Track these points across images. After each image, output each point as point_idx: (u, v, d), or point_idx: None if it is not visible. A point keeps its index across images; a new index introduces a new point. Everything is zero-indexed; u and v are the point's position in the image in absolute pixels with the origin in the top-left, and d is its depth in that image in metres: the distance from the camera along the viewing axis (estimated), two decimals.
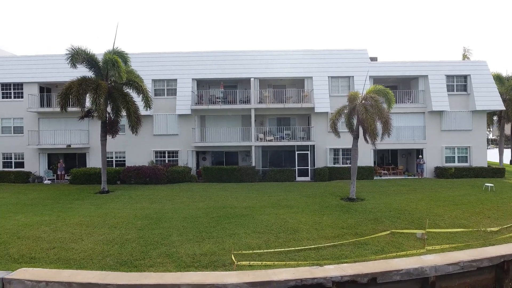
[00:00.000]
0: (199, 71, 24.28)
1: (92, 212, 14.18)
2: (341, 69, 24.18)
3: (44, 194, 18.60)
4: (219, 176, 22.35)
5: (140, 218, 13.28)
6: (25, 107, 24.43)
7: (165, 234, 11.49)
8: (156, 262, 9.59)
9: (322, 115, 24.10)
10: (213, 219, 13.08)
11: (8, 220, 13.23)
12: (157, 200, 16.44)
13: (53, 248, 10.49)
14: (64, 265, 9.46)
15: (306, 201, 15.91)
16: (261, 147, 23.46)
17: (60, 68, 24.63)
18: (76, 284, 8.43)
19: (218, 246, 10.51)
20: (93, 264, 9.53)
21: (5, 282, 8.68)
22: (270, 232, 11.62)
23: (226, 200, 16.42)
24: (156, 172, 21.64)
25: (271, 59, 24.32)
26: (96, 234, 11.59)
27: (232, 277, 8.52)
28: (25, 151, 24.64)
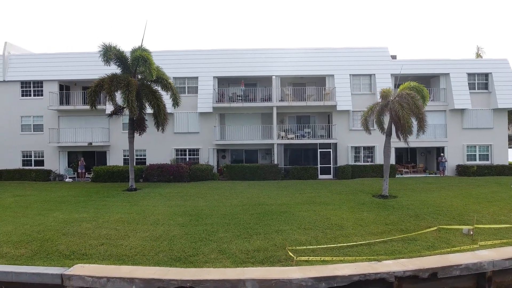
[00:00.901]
0: (220, 69, 24.21)
1: (129, 209, 14.11)
2: (362, 67, 24.15)
3: (72, 191, 18.49)
4: (242, 174, 22.29)
5: (179, 215, 13.20)
6: (45, 105, 24.33)
7: (211, 231, 11.42)
8: (211, 258, 9.52)
9: (344, 113, 24.07)
10: (253, 216, 13.02)
11: (47, 217, 13.16)
12: (189, 198, 16.37)
13: (102, 245, 10.42)
14: (118, 261, 9.39)
15: (340, 198, 15.86)
16: (282, 145, 23.41)
17: (80, 66, 24.67)
18: (139, 280, 8.36)
19: (268, 242, 10.44)
20: (147, 260, 9.45)
21: (65, 278, 8.60)
22: (315, 229, 11.57)
23: (258, 197, 16.36)
24: (179, 170, 21.56)
25: (292, 57, 24.27)
26: (140, 230, 11.52)
27: (295, 272, 8.47)
28: (45, 149, 24.52)
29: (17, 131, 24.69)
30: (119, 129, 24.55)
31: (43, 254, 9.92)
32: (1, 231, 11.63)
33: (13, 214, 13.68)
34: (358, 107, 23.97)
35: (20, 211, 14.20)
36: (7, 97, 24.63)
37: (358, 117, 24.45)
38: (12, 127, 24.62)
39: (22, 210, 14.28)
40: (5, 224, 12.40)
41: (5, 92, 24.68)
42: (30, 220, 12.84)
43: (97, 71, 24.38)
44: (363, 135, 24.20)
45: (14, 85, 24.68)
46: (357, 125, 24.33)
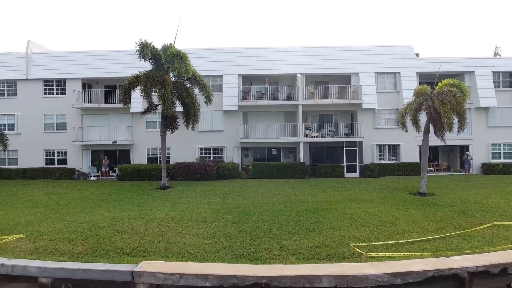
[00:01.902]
0: (245, 67, 24.16)
1: (171, 207, 14.02)
2: (387, 65, 24.13)
3: (104, 189, 18.39)
4: (269, 172, 22.22)
5: (224, 213, 13.13)
6: (68, 103, 24.22)
7: (264, 228, 11.34)
8: (274, 254, 9.45)
9: (369, 111, 24.03)
10: (300, 213, 12.96)
11: (92, 215, 13.07)
12: (225, 196, 16.27)
13: (159, 242, 10.33)
14: (183, 258, 9.30)
15: (378, 196, 15.81)
16: (308, 143, 23.36)
17: (102, 64, 24.60)
18: (213, 276, 8.28)
19: (326, 239, 10.37)
20: (211, 257, 9.37)
21: (135, 275, 8.51)
22: (368, 225, 11.51)
23: (294, 195, 16.29)
24: (206, 169, 21.49)
25: (316, 55, 24.24)
26: (193, 228, 11.44)
27: (368, 268, 8.40)
28: (68, 148, 24.41)
29: (40, 130, 24.57)
30: (142, 128, 24.46)
31: (102, 251, 9.83)
32: (51, 228, 11.55)
33: (56, 212, 13.59)
34: (382, 106, 23.99)
35: (61, 208, 14.10)
36: (30, 95, 24.51)
37: (382, 115, 24.51)
38: (35, 126, 24.50)
39: (63, 208, 14.17)
40: (53, 221, 12.30)
41: (28, 90, 24.55)
42: (76, 217, 12.75)
43: (120, 69, 24.56)
44: (387, 133, 24.38)
45: (37, 83, 24.56)
46: (381, 123, 24.34)
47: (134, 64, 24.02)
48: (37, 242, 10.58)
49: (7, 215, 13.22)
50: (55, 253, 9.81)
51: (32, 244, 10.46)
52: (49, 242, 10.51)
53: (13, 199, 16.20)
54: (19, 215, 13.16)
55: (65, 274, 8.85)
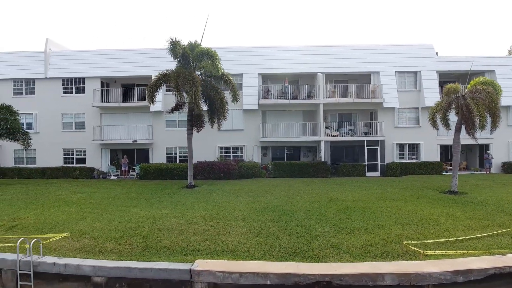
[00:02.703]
0: (264, 66, 24.05)
1: (205, 206, 13.92)
2: (407, 64, 24.05)
3: (130, 189, 18.27)
4: (291, 172, 22.13)
5: (262, 211, 13.02)
6: (87, 102, 24.09)
7: (308, 226, 11.26)
8: (327, 253, 9.39)
9: (389, 110, 23.96)
10: (339, 212, 12.88)
11: (128, 213, 12.98)
12: (256, 194, 16.15)
13: (206, 240, 10.26)
14: (235, 257, 9.24)
15: (410, 195, 15.71)
16: (329, 142, 23.27)
17: (120, 63, 24.50)
18: (274, 275, 8.20)
19: (374, 237, 10.31)
20: (264, 256, 9.31)
21: (194, 273, 8.42)
22: (412, 223, 11.45)
23: (326, 194, 16.20)
24: (229, 168, 21.39)
25: (336, 54, 24.15)
26: (236, 226, 11.35)
27: (429, 266, 8.33)
28: (87, 147, 24.27)
29: (59, 129, 24.41)
30: (162, 127, 24.34)
31: (152, 250, 9.75)
32: (91, 227, 11.46)
33: (91, 211, 13.49)
34: (402, 104, 23.93)
35: (94, 207, 14.00)
36: (49, 94, 24.36)
37: (403, 114, 24.45)
38: (53, 125, 24.35)
39: (97, 207, 14.07)
40: (91, 220, 12.21)
41: (47, 89, 24.40)
42: (113, 216, 12.65)
43: (139, 67, 24.49)
44: (408, 132, 24.33)
45: (56, 82, 24.41)
46: (402, 122, 24.29)
47: (152, 63, 24.24)
48: (81, 240, 10.50)
49: (43, 214, 13.11)
50: (104, 252, 9.73)
51: (76, 243, 10.37)
52: (94, 241, 10.42)
53: (42, 198, 16.07)
54: (54, 214, 13.06)
55: (120, 273, 8.76)
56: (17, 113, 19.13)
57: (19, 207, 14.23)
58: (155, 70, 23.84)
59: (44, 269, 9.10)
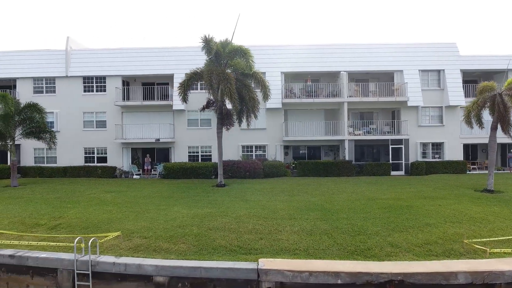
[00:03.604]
0: (287, 64, 23.92)
1: (246, 205, 13.79)
2: (430, 63, 23.95)
3: (161, 188, 18.08)
4: (315, 170, 22.01)
5: (306, 210, 12.90)
6: (108, 100, 23.92)
7: (358, 225, 11.13)
8: (388, 251, 9.25)
9: (412, 109, 23.87)
10: (383, 210, 12.76)
11: (170, 212, 12.83)
12: (292, 193, 16.02)
13: (261, 239, 10.12)
14: (295, 256, 9.10)
15: (447, 193, 15.59)
16: (353, 141, 23.17)
17: (140, 61, 24.34)
18: (345, 274, 8.06)
19: (430, 235, 10.18)
20: (325, 254, 9.16)
21: (261, 273, 8.27)
22: (462, 222, 11.33)
23: (362, 192, 16.08)
24: (254, 167, 21.26)
25: (359, 52, 24.04)
26: (285, 225, 11.22)
27: (499, 264, 8.22)
28: (108, 146, 24.10)
29: (80, 128, 24.24)
30: (184, 126, 24.18)
31: (208, 249, 9.59)
32: (138, 226, 11.30)
33: (130, 210, 13.32)
34: (426, 103, 23.83)
35: (132, 206, 13.84)
36: (70, 93, 24.19)
37: (426, 113, 24.36)
38: (74, 124, 24.18)
39: (135, 206, 13.91)
40: (134, 219, 12.04)
41: (67, 88, 24.23)
42: (155, 215, 12.49)
43: (158, 66, 24.34)
44: (431, 131, 24.23)
45: (77, 81, 24.25)
46: (425, 121, 24.20)
47: (173, 61, 24.11)
48: (132, 240, 10.33)
49: (82, 213, 12.94)
50: (160, 251, 9.57)
51: (128, 242, 10.21)
52: (145, 240, 10.26)
53: (74, 197, 15.90)
54: (95, 213, 12.88)
55: (184, 272, 8.60)
56: (44, 111, 18.92)
57: (55, 206, 14.06)
58: (176, 69, 23.93)
59: (103, 268, 8.93)
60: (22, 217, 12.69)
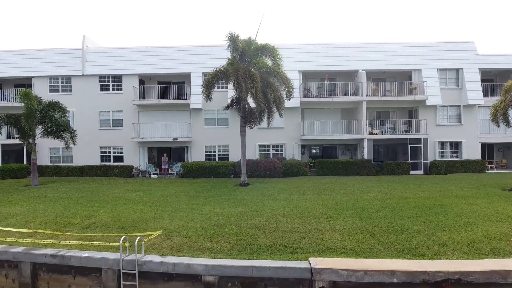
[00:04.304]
0: (304, 63, 23.82)
1: (277, 204, 13.69)
2: (449, 62, 23.86)
3: (184, 187, 17.95)
4: (335, 170, 21.92)
5: (339, 209, 12.79)
6: (124, 99, 23.81)
7: (398, 224, 11.03)
8: (435, 250, 9.13)
9: (430, 108, 23.79)
10: (417, 209, 12.66)
11: (203, 211, 12.74)
12: (319, 192, 15.91)
13: (303, 238, 10.01)
14: (342, 255, 8.98)
15: (476, 192, 15.50)
16: (372, 140, 23.09)
17: (156, 60, 24.22)
18: (400, 273, 7.96)
19: (473, 234, 10.07)
20: (372, 253, 9.04)
21: (315, 272, 8.16)
22: (503, 221, 11.21)
23: (389, 191, 15.97)
24: (274, 166, 21.15)
25: (377, 51, 23.97)
26: (324, 224, 11.12)
27: None
28: (124, 145, 23.96)
29: (96, 127, 24.10)
30: (200, 125, 24.07)
31: (253, 248, 9.47)
32: (174, 225, 11.18)
33: (161, 209, 13.20)
34: (444, 102, 23.75)
35: (162, 205, 13.73)
36: (86, 92, 24.05)
37: (444, 112, 24.29)
38: (90, 123, 24.03)
39: (164, 205, 13.80)
40: (169, 218, 11.94)
41: (84, 87, 24.09)
42: (189, 214, 12.37)
43: (174, 65, 24.20)
44: (449, 130, 24.15)
45: (93, 80, 24.10)
46: (443, 120, 24.13)
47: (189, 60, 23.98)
48: (172, 239, 10.21)
49: (113, 212, 12.82)
50: (204, 250, 9.44)
51: (169, 241, 10.08)
52: (186, 239, 10.14)
53: (100, 196, 15.77)
54: (126, 212, 12.76)
55: (235, 272, 8.48)
56: (66, 110, 18.76)
57: (83, 206, 13.94)
58: (193, 68, 23.83)
59: (150, 268, 8.81)
60: (52, 216, 12.56)
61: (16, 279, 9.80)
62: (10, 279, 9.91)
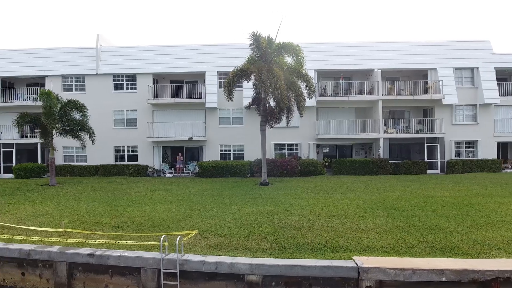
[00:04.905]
0: (320, 62, 23.73)
1: (305, 203, 13.61)
2: (464, 61, 23.83)
3: (205, 186, 17.84)
4: (351, 169, 21.86)
5: (368, 208, 12.71)
6: (139, 98, 23.72)
7: (432, 222, 10.95)
8: (477, 249, 9.01)
9: (446, 107, 23.75)
10: (447, 208, 12.58)
11: (232, 210, 12.68)
12: (343, 191, 15.84)
13: (341, 237, 9.91)
14: (385, 254, 8.87)
15: (502, 191, 15.44)
16: (388, 139, 23.03)
17: (170, 59, 24.15)
18: (449, 271, 7.85)
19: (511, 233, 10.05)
20: (414, 252, 8.90)
21: (362, 271, 8.07)
22: None
23: (413, 190, 15.90)
24: (291, 165, 21.07)
25: (392, 50, 23.90)
26: (359, 223, 11.04)
27: None
28: (139, 144, 23.85)
29: (110, 126, 23.99)
30: (215, 124, 23.98)
31: (293, 247, 9.35)
32: (206, 224, 11.09)
33: (189, 208, 13.11)
34: (459, 101, 23.71)
35: (189, 204, 13.64)
36: (99, 91, 23.96)
37: (459, 111, 24.24)
38: (104, 122, 23.91)
39: (192, 204, 13.72)
40: (199, 217, 11.85)
41: (97, 86, 24.00)
42: (219, 213, 12.27)
43: (188, 64, 24.10)
44: (465, 129, 24.10)
45: (107, 79, 24.01)
46: (459, 119, 24.08)
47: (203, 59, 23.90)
48: (207, 238, 10.10)
49: (141, 211, 12.71)
50: (243, 250, 9.33)
51: (204, 240, 9.97)
52: (222, 238, 10.03)
53: (122, 195, 15.65)
54: (154, 211, 12.66)
55: (280, 271, 8.38)
56: (86, 109, 18.62)
57: (108, 205, 13.84)
58: (208, 67, 23.73)
59: (192, 267, 8.70)
60: (79, 216, 12.45)
61: (51, 279, 9.66)
62: (45, 279, 9.77)
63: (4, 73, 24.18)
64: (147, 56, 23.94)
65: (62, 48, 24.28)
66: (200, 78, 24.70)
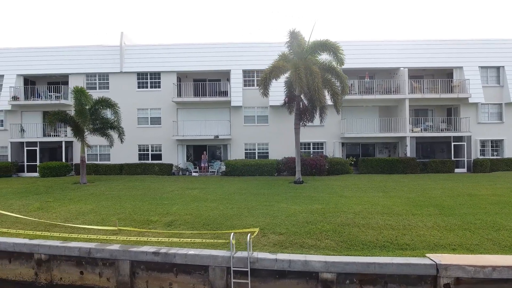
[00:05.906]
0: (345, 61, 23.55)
1: (350, 201, 13.54)
2: (490, 59, 23.80)
3: (240, 185, 17.71)
4: (379, 168, 21.79)
5: (417, 206, 12.68)
6: (163, 97, 23.60)
7: (488, 220, 10.88)
8: None
9: (471, 106, 23.72)
10: (496, 206, 12.55)
11: (280, 208, 12.59)
12: (382, 189, 15.77)
13: (404, 235, 9.83)
14: (454, 251, 8.81)
15: None
16: (415, 138, 22.98)
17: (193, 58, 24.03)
18: None
19: None
20: (483, 249, 8.85)
21: (440, 268, 7.99)
22: None
23: (452, 189, 15.81)
24: (320, 164, 20.98)
25: (417, 48, 23.86)
26: (416, 221, 10.96)
27: None
28: (163, 143, 23.70)
29: (134, 124, 23.84)
30: (240, 122, 23.86)
31: (359, 245, 9.25)
32: (261, 222, 10.98)
33: (237, 206, 13.01)
34: (485, 100, 23.69)
35: (235, 203, 13.56)
36: (123, 89, 23.81)
37: (485, 110, 24.23)
38: (128, 120, 23.71)
39: (237, 202, 13.62)
40: (251, 216, 11.74)
41: (121, 84, 23.84)
42: (270, 211, 12.17)
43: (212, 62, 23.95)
44: (490, 128, 24.07)
45: (131, 77, 23.86)
46: (484, 118, 24.07)
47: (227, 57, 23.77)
48: (267, 236, 10.00)
49: (188, 210, 12.60)
50: (309, 248, 9.22)
51: (265, 238, 9.87)
52: (282, 236, 9.93)
53: (159, 194, 15.52)
54: (202, 210, 12.53)
55: (356, 268, 8.30)
56: (117, 106, 18.43)
57: (151, 203, 13.73)
58: (232, 65, 23.63)
59: (263, 265, 8.59)
60: (126, 214, 12.32)
61: (112, 278, 9.51)
62: (105, 278, 9.62)
63: (27, 71, 23.99)
64: (171, 54, 23.80)
65: (85, 46, 24.09)
66: (223, 76, 24.58)
